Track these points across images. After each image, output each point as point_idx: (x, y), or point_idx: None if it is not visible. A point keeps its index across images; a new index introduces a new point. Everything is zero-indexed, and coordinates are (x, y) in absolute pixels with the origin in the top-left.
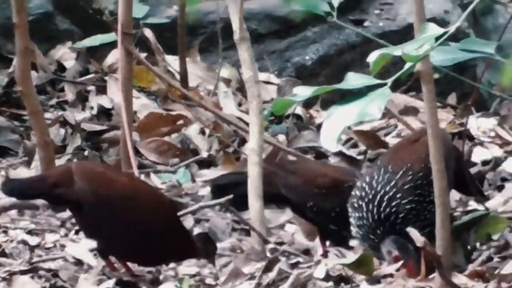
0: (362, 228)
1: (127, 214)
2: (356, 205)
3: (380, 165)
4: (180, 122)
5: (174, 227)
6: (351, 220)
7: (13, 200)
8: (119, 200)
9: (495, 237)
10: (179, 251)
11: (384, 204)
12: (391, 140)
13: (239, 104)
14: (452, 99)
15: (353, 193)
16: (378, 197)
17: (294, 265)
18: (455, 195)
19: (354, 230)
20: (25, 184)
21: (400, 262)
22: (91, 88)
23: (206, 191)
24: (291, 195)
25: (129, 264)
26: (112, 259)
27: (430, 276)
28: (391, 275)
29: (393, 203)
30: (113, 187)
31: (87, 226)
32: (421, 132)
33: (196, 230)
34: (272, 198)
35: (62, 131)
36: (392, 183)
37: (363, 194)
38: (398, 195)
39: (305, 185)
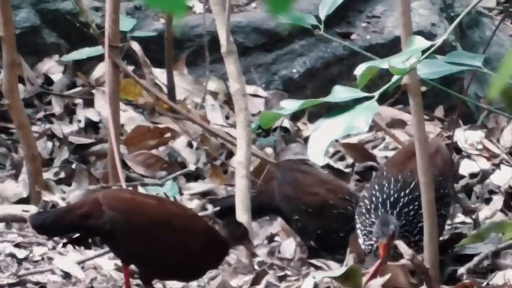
0: (366, 228)
1: (160, 238)
2: (364, 210)
3: (390, 176)
4: (168, 135)
5: (207, 239)
6: (359, 231)
7: (0, 213)
8: (150, 225)
9: (483, 248)
10: (216, 259)
11: (397, 209)
12: (379, 153)
13: (227, 117)
14: (439, 111)
15: (361, 203)
16: (392, 199)
17: (282, 278)
18: None
19: (361, 240)
20: (54, 219)
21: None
22: (79, 101)
23: (193, 204)
24: (282, 203)
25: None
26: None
27: None
28: None
29: (408, 209)
30: (143, 213)
31: (122, 253)
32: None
33: None
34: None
35: (50, 144)
36: (407, 191)
37: (373, 199)
38: (414, 204)
39: (296, 199)
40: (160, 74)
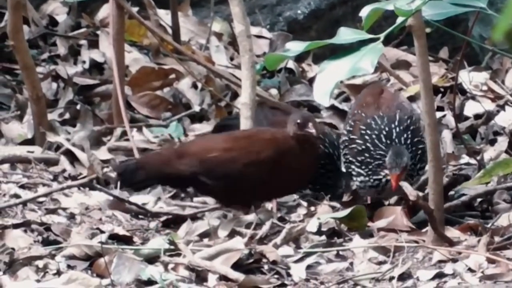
0: (368, 166)
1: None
2: (360, 148)
3: (371, 115)
4: (172, 76)
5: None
6: (354, 172)
7: (5, 153)
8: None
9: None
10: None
11: (395, 141)
12: None
13: (231, 58)
14: (444, 53)
15: (352, 146)
16: (384, 133)
17: (287, 219)
18: (447, 148)
19: (358, 180)
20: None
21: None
22: (83, 42)
23: None
24: None
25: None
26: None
27: (423, 230)
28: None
29: (403, 138)
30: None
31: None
32: (375, 86)
33: None
34: None
35: (54, 85)
36: (396, 123)
37: (366, 137)
38: (407, 133)
39: None
40: (164, 15)
